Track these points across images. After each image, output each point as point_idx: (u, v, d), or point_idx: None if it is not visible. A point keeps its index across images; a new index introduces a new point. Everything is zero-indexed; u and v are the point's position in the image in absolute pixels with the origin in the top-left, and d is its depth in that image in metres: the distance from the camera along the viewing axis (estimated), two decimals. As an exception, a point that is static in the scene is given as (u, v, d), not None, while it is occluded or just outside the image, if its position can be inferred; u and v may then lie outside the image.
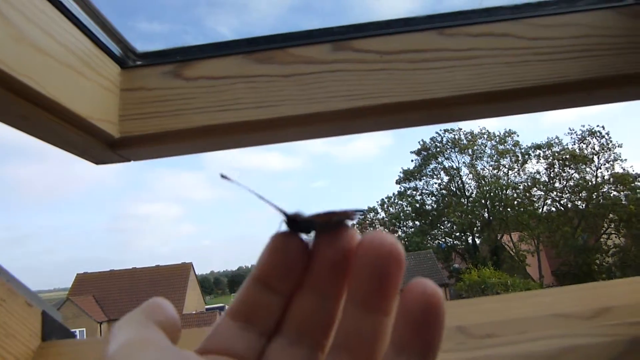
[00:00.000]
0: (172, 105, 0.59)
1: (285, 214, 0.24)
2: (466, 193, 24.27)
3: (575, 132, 23.25)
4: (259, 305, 0.24)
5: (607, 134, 22.59)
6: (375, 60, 0.58)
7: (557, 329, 0.48)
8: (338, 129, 0.63)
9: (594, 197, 21.60)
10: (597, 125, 22.96)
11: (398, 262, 0.22)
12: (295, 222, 0.24)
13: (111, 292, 21.28)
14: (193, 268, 22.99)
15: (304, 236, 0.24)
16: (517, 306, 0.51)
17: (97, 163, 0.67)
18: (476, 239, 24.13)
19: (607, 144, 22.51)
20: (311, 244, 0.24)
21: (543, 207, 23.01)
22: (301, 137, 0.64)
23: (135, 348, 0.20)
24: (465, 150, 24.31)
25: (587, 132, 22.90)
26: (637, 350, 0.44)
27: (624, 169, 21.83)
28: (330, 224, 0.24)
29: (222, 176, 0.25)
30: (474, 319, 0.50)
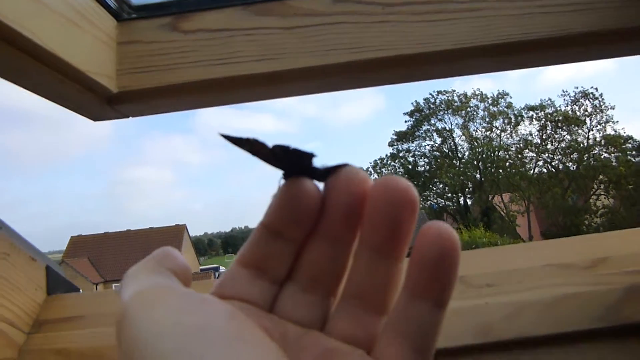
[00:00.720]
0: (170, 59, 0.58)
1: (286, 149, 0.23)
2: (458, 155, 24.34)
3: (568, 94, 23.21)
4: (269, 254, 0.24)
5: (601, 95, 22.56)
6: (377, 12, 0.57)
7: (555, 278, 0.49)
8: (338, 83, 0.62)
9: (585, 158, 21.75)
10: (591, 87, 22.97)
11: (412, 206, 0.21)
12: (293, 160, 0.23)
13: (106, 254, 21.45)
14: (187, 230, 23.14)
15: (315, 184, 0.23)
16: (516, 257, 0.52)
17: (94, 119, 0.66)
18: (467, 200, 24.37)
19: (600, 105, 22.51)
20: (322, 189, 0.23)
21: (534, 169, 23.16)
22: (302, 91, 0.63)
23: (154, 294, 0.20)
24: (458, 112, 24.22)
25: (580, 94, 22.84)
26: (633, 297, 0.45)
27: (615, 131, 21.91)
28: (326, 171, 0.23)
29: (222, 135, 0.24)
30: (474, 269, 0.51)
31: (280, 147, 0.23)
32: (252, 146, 0.23)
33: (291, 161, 0.23)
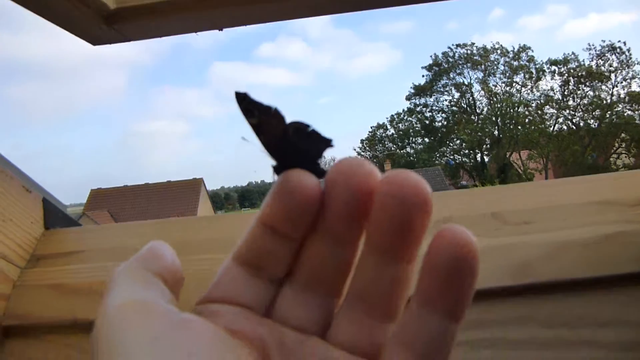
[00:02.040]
0: (172, -28, 0.52)
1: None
2: (477, 110, 23.93)
3: (594, 48, 22.42)
4: (267, 252, 0.22)
5: (629, 50, 21.78)
6: None
7: (598, 215, 0.43)
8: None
9: (608, 115, 21.26)
10: (618, 41, 22.04)
11: (424, 205, 0.19)
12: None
13: (125, 207, 21.83)
14: (204, 183, 23.36)
15: (315, 178, 0.21)
16: (555, 193, 0.47)
17: (93, 43, 0.61)
18: (485, 157, 24.13)
19: (627, 60, 21.77)
20: (324, 183, 0.21)
21: (554, 126, 22.75)
22: (310, 11, 0.57)
23: (131, 312, 0.18)
24: (478, 66, 23.65)
25: (607, 48, 22.10)
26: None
27: (641, 88, 21.25)
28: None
29: (243, 139, 0.22)
30: (509, 206, 0.45)
31: (299, 126, 0.21)
32: (267, 118, 0.21)
33: (300, 148, 0.22)
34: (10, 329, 0.45)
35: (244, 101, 0.21)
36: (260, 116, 0.21)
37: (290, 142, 0.22)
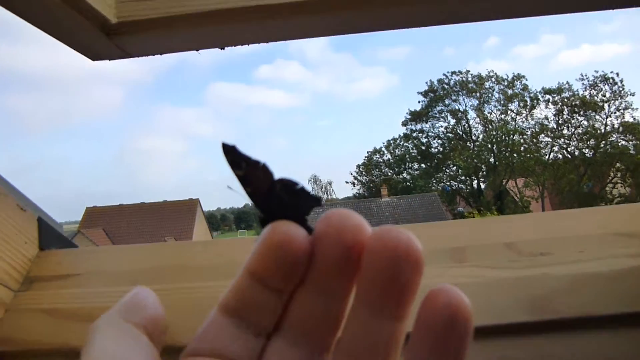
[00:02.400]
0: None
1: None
2: (472, 137, 24.09)
3: (587, 78, 22.71)
4: (255, 303, 0.21)
5: (621, 81, 22.07)
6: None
7: (618, 247, 0.42)
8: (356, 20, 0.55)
9: (602, 145, 21.42)
10: (611, 72, 22.35)
11: (415, 264, 0.19)
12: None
13: (121, 226, 21.68)
14: (200, 204, 23.26)
15: (303, 230, 0.21)
16: (571, 223, 0.45)
17: (93, 58, 0.60)
18: (481, 184, 24.17)
19: (620, 91, 22.05)
20: (313, 236, 0.20)
21: (550, 154, 22.88)
22: (315, 32, 0.56)
23: None
24: (473, 94, 23.88)
25: (600, 78, 22.39)
26: None
27: (634, 118, 21.52)
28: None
29: (229, 187, 0.23)
30: (524, 236, 0.44)
31: (287, 183, 0.21)
32: (255, 171, 0.22)
33: (287, 203, 0.22)
34: (2, 355, 0.43)
35: (231, 153, 0.21)
36: (247, 169, 0.21)
37: (278, 197, 0.22)
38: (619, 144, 21.20)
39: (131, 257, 0.50)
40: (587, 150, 22.16)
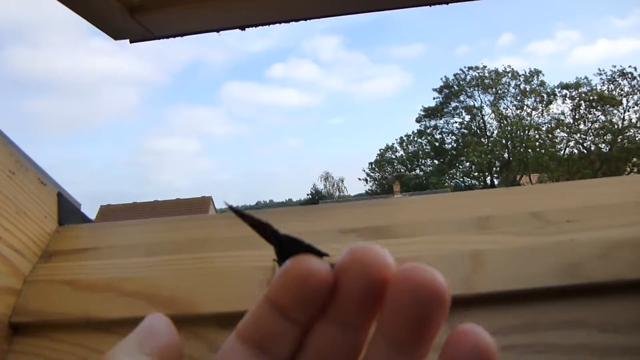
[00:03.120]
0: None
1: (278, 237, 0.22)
2: (487, 133, 23.87)
3: (605, 73, 22.38)
4: (274, 333, 0.21)
5: None
6: None
7: (649, 215, 0.40)
8: None
9: (619, 140, 21.10)
10: (629, 66, 22.00)
11: (440, 303, 0.18)
12: (283, 246, 0.22)
13: (133, 223, 21.81)
14: (213, 202, 23.39)
15: (326, 264, 0.20)
16: (596, 192, 0.44)
17: (115, 37, 0.60)
18: (494, 180, 23.95)
19: (638, 85, 21.68)
20: (336, 269, 0.20)
21: (565, 149, 22.61)
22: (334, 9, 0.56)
23: None
24: (489, 89, 23.66)
25: (618, 73, 22.04)
26: None
27: (653, 112, 21.13)
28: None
29: (230, 207, 0.23)
30: (551, 204, 0.43)
31: (291, 240, 0.22)
32: (262, 229, 0.22)
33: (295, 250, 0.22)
34: (20, 325, 0.43)
35: (238, 214, 0.22)
36: (257, 228, 0.22)
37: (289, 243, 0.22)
38: (637, 139, 20.88)
39: (150, 230, 0.50)
40: (603, 145, 21.87)
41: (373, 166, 26.16)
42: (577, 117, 22.61)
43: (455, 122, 24.45)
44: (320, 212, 0.48)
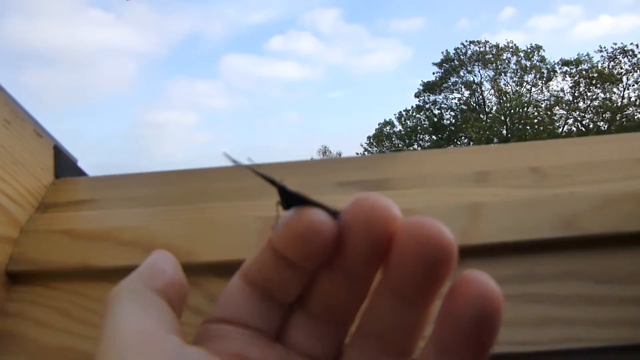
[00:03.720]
0: None
1: (281, 188, 0.21)
2: (486, 109, 23.78)
3: (606, 50, 22.17)
4: (278, 278, 0.21)
5: (641, 52, 21.51)
6: None
7: (648, 170, 0.40)
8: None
9: (618, 118, 21.06)
10: (631, 44, 21.79)
11: (447, 257, 0.18)
12: (289, 198, 0.21)
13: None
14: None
15: (329, 218, 0.20)
16: (596, 149, 0.44)
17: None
18: (492, 156, 23.90)
19: (639, 63, 21.52)
20: (340, 223, 0.20)
21: (563, 127, 22.56)
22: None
23: (125, 350, 0.17)
24: (489, 64, 23.48)
25: (619, 50, 21.84)
26: None
27: (653, 91, 21.04)
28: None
29: (225, 155, 0.22)
30: (550, 160, 0.43)
31: (298, 198, 0.21)
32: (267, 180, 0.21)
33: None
34: (17, 274, 0.43)
35: (256, 173, 0.21)
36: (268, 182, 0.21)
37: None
38: (635, 117, 20.85)
39: (148, 182, 0.50)
40: (602, 123, 21.83)
41: (371, 141, 26.13)
42: (576, 94, 22.52)
43: (455, 98, 24.32)
44: (317, 166, 0.48)
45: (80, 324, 0.39)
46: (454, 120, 24.29)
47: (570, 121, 22.63)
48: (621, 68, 21.74)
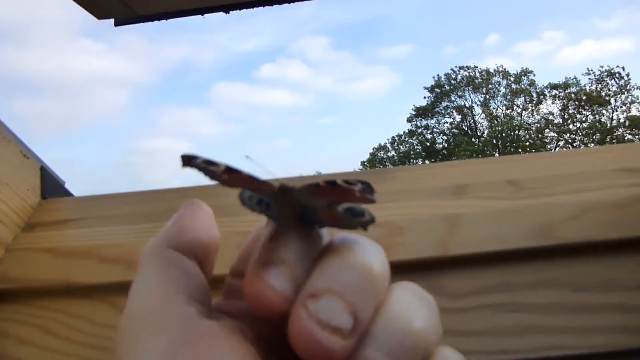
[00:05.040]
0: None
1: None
2: (478, 133, 23.99)
3: (593, 72, 22.57)
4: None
5: (627, 75, 21.92)
6: None
7: (621, 179, 0.41)
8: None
9: (607, 140, 21.29)
10: (617, 66, 22.21)
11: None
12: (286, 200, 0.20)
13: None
14: (203, 201, 23.31)
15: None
16: (572, 161, 0.45)
17: (98, 16, 0.60)
18: (485, 179, 24.02)
19: (626, 85, 21.90)
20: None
21: (555, 149, 22.75)
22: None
23: (142, 324, 0.18)
24: (480, 89, 23.79)
25: (606, 73, 22.23)
26: None
27: (640, 112, 21.36)
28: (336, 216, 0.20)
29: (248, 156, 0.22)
30: (526, 173, 0.44)
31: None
32: (234, 176, 0.20)
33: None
34: (2, 292, 0.43)
35: (194, 166, 0.20)
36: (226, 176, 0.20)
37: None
38: (625, 139, 21.08)
39: (131, 200, 0.50)
40: (592, 144, 22.05)
41: (365, 166, 26.21)
42: (566, 117, 22.80)
43: (446, 122, 24.56)
44: (304, 182, 0.48)
45: (61, 340, 0.39)
46: (446, 145, 24.47)
47: (561, 143, 22.85)
48: (609, 90, 22.09)
